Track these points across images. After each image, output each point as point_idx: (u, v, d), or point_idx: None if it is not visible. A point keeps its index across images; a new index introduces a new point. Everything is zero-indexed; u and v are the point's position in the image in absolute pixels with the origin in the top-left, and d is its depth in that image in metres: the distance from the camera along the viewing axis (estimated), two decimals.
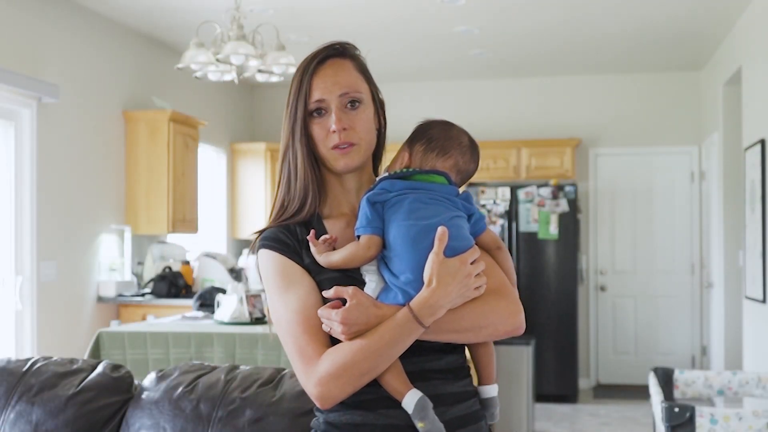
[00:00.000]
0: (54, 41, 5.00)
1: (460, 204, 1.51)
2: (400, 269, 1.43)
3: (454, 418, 1.47)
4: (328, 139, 1.51)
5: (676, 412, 3.07)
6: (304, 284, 1.48)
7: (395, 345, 1.39)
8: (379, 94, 1.63)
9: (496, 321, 1.47)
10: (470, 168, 1.61)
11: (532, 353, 5.35)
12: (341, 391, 1.40)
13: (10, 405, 2.12)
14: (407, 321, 1.38)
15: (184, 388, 2.08)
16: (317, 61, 1.55)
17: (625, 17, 5.59)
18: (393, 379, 1.42)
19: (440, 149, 1.56)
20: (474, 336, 1.48)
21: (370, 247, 1.45)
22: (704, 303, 7.31)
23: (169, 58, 6.25)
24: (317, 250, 1.48)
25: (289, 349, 1.46)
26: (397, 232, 1.44)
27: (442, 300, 1.39)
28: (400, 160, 1.58)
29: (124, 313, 5.53)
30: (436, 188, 1.50)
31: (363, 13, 5.46)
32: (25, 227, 4.75)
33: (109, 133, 5.61)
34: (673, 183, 7.46)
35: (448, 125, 1.60)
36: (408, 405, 1.41)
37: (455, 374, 1.51)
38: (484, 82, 7.66)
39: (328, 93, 1.51)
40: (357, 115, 1.53)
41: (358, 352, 1.38)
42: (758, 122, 5.07)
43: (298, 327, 1.44)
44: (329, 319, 1.40)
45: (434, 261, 1.40)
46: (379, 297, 1.44)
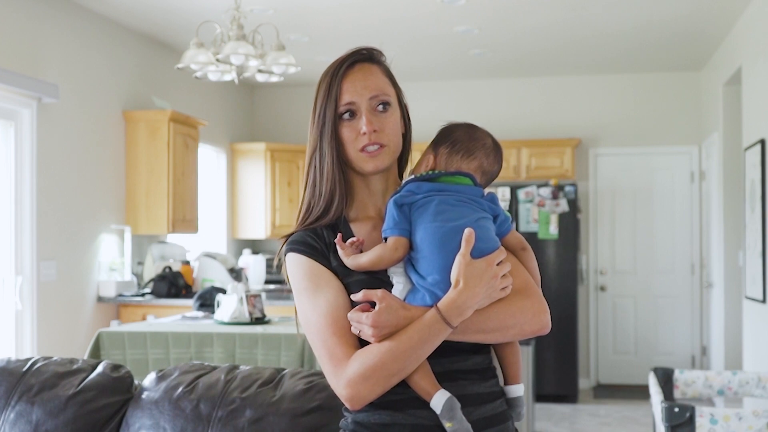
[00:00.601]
0: (54, 41, 5.00)
1: (485, 205, 1.53)
2: (427, 271, 1.45)
3: (482, 418, 1.49)
4: (357, 140, 1.53)
5: (676, 412, 3.07)
6: (333, 287, 1.49)
7: (423, 346, 1.41)
8: (404, 99, 1.65)
9: (522, 321, 1.48)
10: (495, 169, 1.63)
11: (532, 353, 5.35)
12: (371, 392, 1.42)
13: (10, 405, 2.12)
14: (435, 322, 1.40)
15: (184, 388, 2.08)
16: (346, 65, 1.57)
17: (625, 17, 5.59)
18: (421, 380, 1.44)
19: (465, 151, 1.58)
20: (501, 336, 1.49)
21: (397, 248, 1.46)
22: (704, 303, 7.31)
23: (169, 58, 6.25)
24: (344, 253, 1.50)
25: (319, 352, 1.48)
26: (424, 233, 1.45)
27: (470, 301, 1.41)
28: (426, 162, 1.60)
29: (124, 313, 5.53)
30: (462, 190, 1.52)
31: (363, 13, 5.46)
32: (25, 227, 4.75)
33: (109, 133, 5.61)
34: (673, 183, 7.46)
35: (472, 127, 1.62)
36: (436, 405, 1.42)
37: (482, 375, 1.53)
38: (484, 82, 7.66)
39: (359, 96, 1.54)
40: (386, 118, 1.56)
41: (386, 353, 1.40)
42: (758, 122, 5.07)
43: (327, 329, 1.46)
44: (359, 323, 1.42)
45: (461, 262, 1.42)
46: (406, 298, 1.46)
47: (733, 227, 6.11)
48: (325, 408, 1.97)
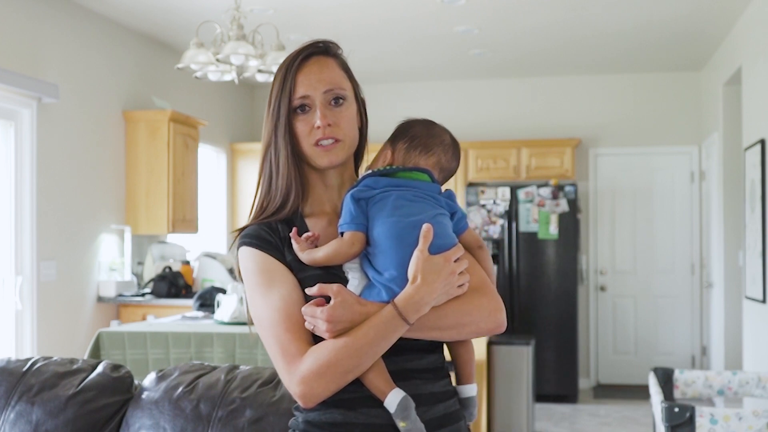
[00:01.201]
0: (54, 41, 5.00)
1: (443, 202, 1.52)
2: (384, 266, 1.43)
3: (435, 417, 1.47)
4: (311, 135, 1.51)
5: (676, 412, 3.07)
6: (287, 282, 1.47)
7: (380, 342, 1.38)
8: (361, 93, 1.62)
9: (478, 319, 1.46)
10: (452, 166, 1.61)
11: (532, 353, 5.36)
12: (325, 389, 1.39)
13: (10, 405, 2.12)
14: (392, 318, 1.38)
15: (184, 388, 2.08)
16: (301, 58, 1.54)
17: (625, 17, 5.59)
18: (376, 378, 1.41)
19: (423, 147, 1.57)
20: (457, 333, 1.47)
21: (354, 243, 1.44)
22: (704, 303, 7.31)
23: (169, 58, 6.25)
24: (300, 248, 1.47)
25: (271, 348, 1.45)
26: (381, 228, 1.44)
27: (427, 297, 1.39)
28: (383, 157, 1.58)
29: (124, 313, 5.53)
30: (419, 186, 1.51)
31: (363, 13, 5.46)
32: (25, 227, 4.75)
33: (109, 133, 5.61)
34: (673, 183, 7.46)
35: (430, 123, 1.61)
36: (390, 404, 1.40)
37: (435, 374, 1.51)
38: (484, 82, 7.66)
39: (313, 89, 1.51)
40: (341, 112, 1.53)
41: (342, 349, 1.37)
42: (758, 122, 5.07)
43: (280, 325, 1.43)
44: (314, 317, 1.39)
45: (419, 258, 1.40)
46: (362, 294, 1.44)
47: (733, 227, 6.11)
48: None
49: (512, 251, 6.91)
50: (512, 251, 6.91)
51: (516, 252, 6.90)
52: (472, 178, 7.25)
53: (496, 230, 6.91)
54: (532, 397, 5.37)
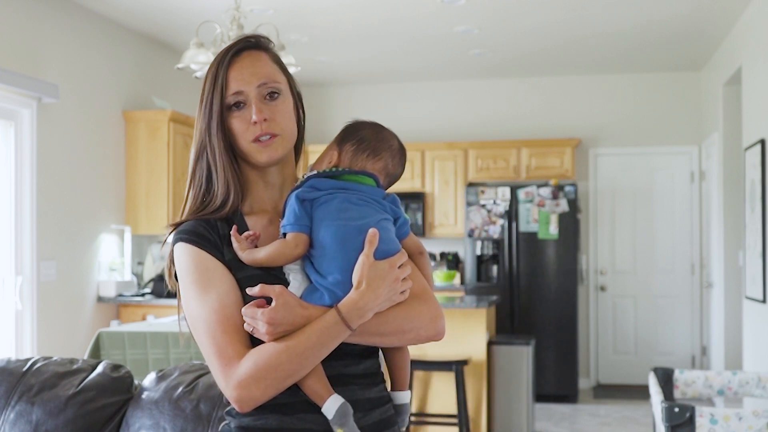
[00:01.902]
0: (54, 41, 5.00)
1: (387, 207, 1.49)
2: (328, 270, 1.40)
3: (371, 423, 1.45)
4: (248, 131, 1.46)
5: (676, 412, 3.07)
6: (224, 281, 1.42)
7: (321, 347, 1.35)
8: (297, 87, 1.58)
9: (419, 325, 1.44)
10: (398, 172, 1.58)
11: (532, 353, 5.35)
12: (263, 394, 1.35)
13: (10, 405, 2.12)
14: (335, 323, 1.35)
15: (184, 388, 2.08)
16: (232, 53, 1.50)
17: (625, 17, 5.59)
18: (315, 383, 1.39)
19: (371, 151, 1.54)
20: (398, 340, 1.45)
21: (298, 245, 1.40)
22: (704, 303, 7.31)
23: (169, 58, 6.25)
24: (240, 247, 1.43)
25: (207, 350, 1.40)
26: (326, 231, 1.41)
27: (371, 303, 1.36)
28: (329, 158, 1.54)
29: (124, 313, 5.53)
30: (365, 189, 1.48)
31: (363, 13, 5.46)
32: (25, 227, 4.75)
33: (109, 133, 5.61)
34: (673, 183, 7.46)
35: (379, 127, 1.58)
36: (329, 410, 1.37)
37: (372, 379, 1.49)
38: (484, 82, 7.66)
39: (246, 84, 1.47)
40: (277, 106, 1.49)
41: (282, 353, 1.34)
42: (758, 122, 5.07)
43: (217, 327, 1.38)
44: (254, 318, 1.35)
45: (364, 263, 1.37)
46: (303, 297, 1.40)
47: (733, 227, 6.11)
48: None
49: (512, 251, 6.91)
50: (512, 251, 6.91)
51: (516, 252, 6.90)
52: (472, 178, 7.25)
53: (496, 230, 6.91)
54: (532, 397, 5.37)
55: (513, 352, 5.29)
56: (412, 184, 7.35)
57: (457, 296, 6.22)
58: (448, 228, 7.35)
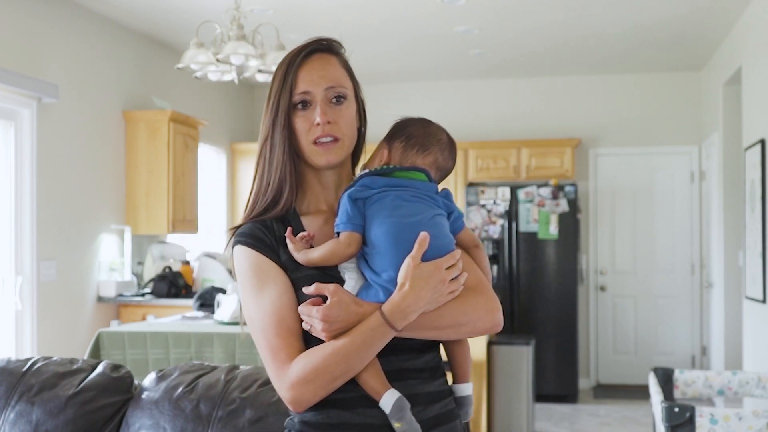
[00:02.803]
0: (54, 41, 5.00)
1: (440, 202, 1.50)
2: (381, 267, 1.41)
3: (430, 417, 1.47)
4: (310, 132, 1.49)
5: (676, 412, 3.07)
6: (278, 284, 1.45)
7: (367, 349, 1.38)
8: (362, 94, 1.60)
9: (475, 318, 1.46)
10: (449, 165, 1.60)
11: (532, 353, 5.35)
12: (313, 395, 1.39)
13: (10, 405, 2.12)
14: (379, 325, 1.37)
15: (184, 388, 2.07)
16: (303, 54, 1.52)
17: (625, 17, 5.59)
18: (371, 379, 1.41)
19: (420, 146, 1.55)
20: (454, 333, 1.46)
21: (350, 244, 1.42)
22: (704, 303, 7.31)
23: (169, 58, 6.25)
24: (295, 248, 1.46)
25: (262, 352, 1.44)
26: (379, 229, 1.42)
27: (414, 305, 1.37)
28: (379, 156, 1.56)
29: (124, 313, 5.53)
30: (416, 185, 1.49)
31: (363, 13, 5.46)
32: (25, 227, 4.75)
33: (109, 133, 5.61)
34: (673, 183, 7.46)
35: (426, 122, 1.59)
36: (386, 405, 1.39)
37: (431, 373, 1.50)
38: (484, 82, 7.66)
39: (314, 86, 1.49)
40: (341, 111, 1.51)
41: (329, 356, 1.37)
42: (758, 122, 5.07)
43: (271, 329, 1.43)
44: (310, 316, 1.38)
45: (409, 264, 1.38)
46: (359, 294, 1.42)
47: (733, 227, 6.11)
48: None
49: (512, 251, 6.90)
50: (512, 251, 6.90)
51: (516, 252, 6.90)
52: (472, 178, 7.25)
53: (496, 230, 6.91)
54: (532, 397, 5.37)
55: (513, 352, 5.29)
56: None
57: None
58: None
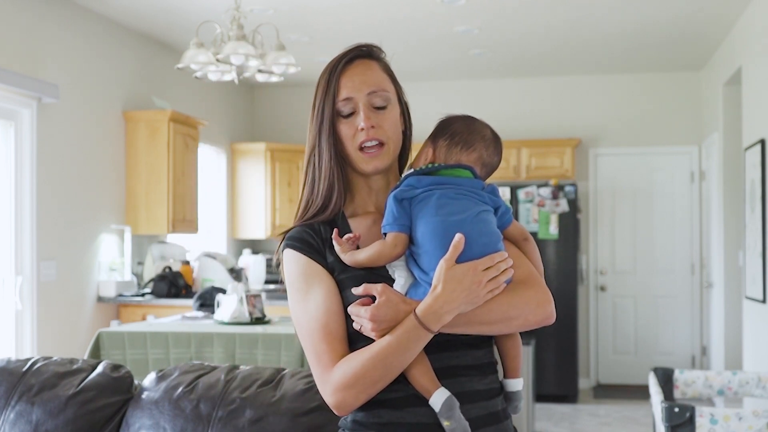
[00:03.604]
0: (54, 41, 5.00)
1: (486, 197, 1.51)
2: (429, 266, 1.42)
3: (480, 416, 1.47)
4: (355, 137, 1.51)
5: (676, 412, 3.07)
6: (324, 288, 1.47)
7: (405, 352, 1.38)
8: (405, 97, 1.62)
9: (526, 311, 1.45)
10: (494, 161, 1.60)
11: (532, 353, 5.35)
12: (355, 399, 1.41)
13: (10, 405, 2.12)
14: (414, 328, 1.38)
15: (184, 388, 2.07)
16: (345, 61, 1.54)
17: (625, 17, 5.59)
18: (421, 377, 1.42)
19: (464, 143, 1.56)
20: (505, 327, 1.46)
21: (397, 245, 1.44)
22: (704, 303, 7.31)
23: (169, 58, 6.25)
24: (341, 249, 1.47)
25: (309, 356, 1.48)
26: (425, 228, 1.43)
27: (447, 306, 1.37)
28: (424, 155, 1.57)
29: (124, 313, 5.53)
30: (462, 182, 1.50)
31: (363, 13, 5.46)
32: (25, 227, 4.75)
33: (109, 133, 5.61)
34: (673, 183, 7.46)
35: (470, 119, 1.61)
36: (435, 404, 1.40)
37: (481, 371, 1.50)
38: (484, 82, 7.66)
39: (357, 91, 1.51)
40: (385, 115, 1.53)
41: (368, 360, 1.39)
42: (758, 122, 5.07)
43: (316, 334, 1.45)
44: (359, 317, 1.40)
45: (442, 267, 1.39)
46: (408, 293, 1.44)
47: (733, 227, 6.11)
48: (325, 408, 1.96)
49: None
50: None
51: None
52: None
53: None
54: (532, 397, 5.37)
55: None
56: None
57: None
58: None
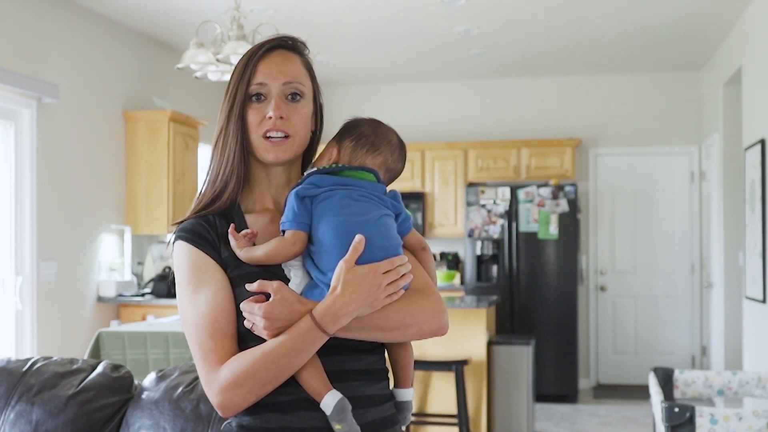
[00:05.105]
0: (54, 41, 5.00)
1: (388, 202, 1.50)
2: (328, 266, 1.40)
3: (372, 421, 1.45)
4: (261, 125, 1.48)
5: (676, 412, 3.07)
6: (215, 283, 1.42)
7: (298, 353, 1.35)
8: (320, 98, 1.60)
9: (421, 320, 1.43)
10: (398, 167, 1.58)
11: (532, 353, 5.35)
12: (243, 400, 1.37)
13: (10, 405, 2.12)
14: (310, 329, 1.34)
15: (184, 388, 2.07)
16: (265, 48, 1.52)
17: (625, 17, 5.59)
18: (312, 379, 1.39)
19: (370, 146, 1.54)
20: (400, 335, 1.44)
21: (296, 242, 1.41)
22: (704, 303, 7.31)
23: (169, 58, 6.25)
24: (237, 245, 1.44)
25: (195, 353, 1.42)
26: (327, 228, 1.41)
27: (345, 308, 1.35)
28: (328, 155, 1.55)
29: (124, 313, 5.53)
30: (365, 185, 1.48)
31: (363, 13, 5.46)
32: (25, 227, 4.75)
33: (109, 133, 5.61)
34: (673, 183, 7.46)
35: (377, 123, 1.58)
36: (327, 406, 1.37)
37: (374, 376, 1.48)
38: (484, 82, 7.66)
39: (272, 79, 1.49)
40: (296, 108, 1.50)
41: (259, 359, 1.35)
42: (758, 122, 5.07)
43: (204, 330, 1.40)
44: (252, 313, 1.36)
45: (342, 268, 1.36)
46: (304, 293, 1.41)
47: (733, 227, 6.11)
48: None
49: (512, 251, 6.91)
50: (512, 251, 6.91)
51: (516, 252, 6.90)
52: (472, 178, 7.25)
53: (496, 230, 6.91)
54: (532, 397, 5.37)
55: (513, 352, 5.28)
56: (412, 184, 7.35)
57: (457, 296, 6.22)
58: (448, 228, 7.35)
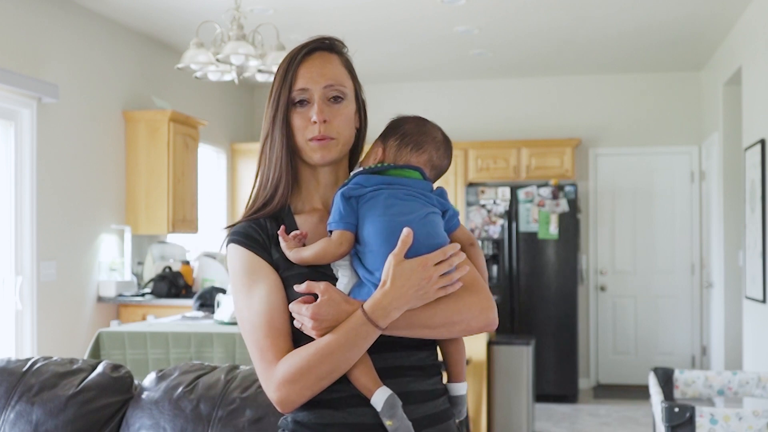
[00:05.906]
0: (54, 41, 5.00)
1: (434, 200, 1.50)
2: (374, 265, 1.41)
3: (423, 416, 1.45)
4: (307, 129, 1.49)
5: (676, 412, 3.07)
6: (269, 283, 1.45)
7: (351, 348, 1.36)
8: (362, 94, 1.60)
9: (469, 317, 1.44)
10: (444, 163, 1.59)
11: (532, 353, 5.35)
12: (299, 395, 1.39)
13: (10, 405, 2.12)
14: (362, 323, 1.36)
15: (184, 388, 2.07)
16: (305, 52, 1.53)
17: (625, 18, 5.59)
18: (362, 376, 1.40)
19: (414, 144, 1.54)
20: (447, 332, 1.45)
21: (342, 243, 1.42)
22: (704, 303, 7.31)
23: (169, 58, 6.25)
24: (287, 246, 1.46)
25: (252, 353, 1.45)
26: (372, 227, 1.42)
27: (395, 302, 1.36)
28: (374, 155, 1.55)
29: (124, 313, 5.53)
30: (411, 183, 1.48)
31: (363, 13, 5.46)
32: (25, 227, 4.75)
33: (109, 133, 5.61)
34: (673, 183, 7.46)
35: (421, 120, 1.59)
36: (377, 402, 1.38)
37: (426, 372, 1.49)
38: (484, 82, 7.66)
39: (313, 83, 1.50)
40: (339, 110, 1.51)
41: (314, 355, 1.37)
42: (758, 122, 5.07)
43: (260, 329, 1.43)
44: (300, 314, 1.38)
45: (391, 262, 1.37)
46: (351, 293, 1.42)
47: (733, 227, 6.11)
48: None
49: (512, 251, 6.90)
50: (512, 251, 6.90)
51: (516, 252, 6.89)
52: (472, 178, 7.25)
53: (496, 230, 6.91)
54: (532, 397, 5.37)
55: (513, 352, 5.28)
56: None
57: None
58: None
